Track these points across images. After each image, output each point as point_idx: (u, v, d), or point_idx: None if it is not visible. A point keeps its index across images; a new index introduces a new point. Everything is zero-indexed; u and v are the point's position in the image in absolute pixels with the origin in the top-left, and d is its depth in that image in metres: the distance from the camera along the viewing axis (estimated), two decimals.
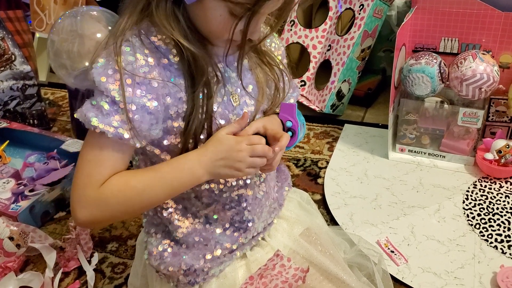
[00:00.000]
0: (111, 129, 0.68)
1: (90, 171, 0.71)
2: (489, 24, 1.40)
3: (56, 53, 1.56)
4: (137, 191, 0.73)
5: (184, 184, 0.75)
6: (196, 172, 0.74)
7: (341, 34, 1.75)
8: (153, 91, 0.70)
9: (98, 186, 0.71)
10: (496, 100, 1.48)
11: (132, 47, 0.69)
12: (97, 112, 0.68)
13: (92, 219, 0.73)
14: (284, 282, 0.79)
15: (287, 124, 0.84)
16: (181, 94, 0.73)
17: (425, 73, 1.38)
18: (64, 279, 1.19)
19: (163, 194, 0.75)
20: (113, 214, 0.74)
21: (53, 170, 1.45)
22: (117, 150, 0.71)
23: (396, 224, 1.27)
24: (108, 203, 0.72)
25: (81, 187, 0.71)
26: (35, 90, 1.75)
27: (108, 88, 0.67)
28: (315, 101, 1.79)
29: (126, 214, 0.77)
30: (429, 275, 1.12)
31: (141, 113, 0.69)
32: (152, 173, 0.74)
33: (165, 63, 0.72)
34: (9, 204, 1.32)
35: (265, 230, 0.92)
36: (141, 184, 0.73)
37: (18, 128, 1.63)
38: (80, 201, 0.72)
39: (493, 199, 1.33)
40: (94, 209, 0.72)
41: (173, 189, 0.75)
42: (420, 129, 1.50)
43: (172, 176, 0.74)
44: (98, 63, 0.69)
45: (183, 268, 0.82)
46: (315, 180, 1.48)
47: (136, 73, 0.68)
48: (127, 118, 0.68)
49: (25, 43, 1.73)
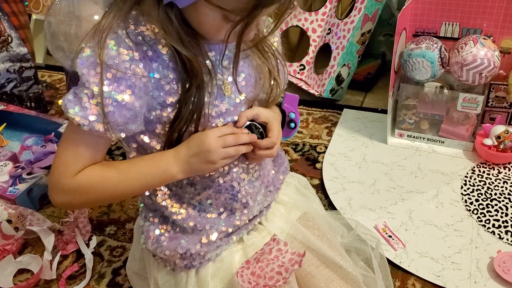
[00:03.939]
0: (86, 122, 0.69)
1: (67, 160, 0.74)
2: (491, 9, 1.39)
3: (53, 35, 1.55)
4: (111, 183, 0.76)
5: (158, 180, 0.78)
6: (170, 169, 0.76)
7: (341, 17, 1.73)
8: (134, 87, 0.70)
9: (73, 175, 0.73)
10: (496, 85, 1.47)
11: (117, 41, 0.69)
12: (76, 102, 0.69)
13: (66, 204, 0.79)
14: (280, 266, 0.79)
15: (290, 115, 0.84)
16: (169, 86, 0.73)
17: (425, 57, 1.37)
18: (62, 262, 1.19)
19: (137, 187, 0.78)
20: (87, 202, 0.81)
21: (51, 153, 1.44)
22: (94, 142, 0.73)
23: (394, 209, 1.27)
24: (82, 192, 0.75)
25: (57, 174, 0.74)
26: (32, 72, 1.73)
27: (89, 80, 0.68)
28: (314, 86, 1.78)
29: (100, 202, 0.86)
30: (426, 260, 1.13)
31: (118, 108, 0.70)
32: (127, 167, 0.77)
33: (151, 54, 0.71)
34: (7, 187, 1.31)
35: (261, 214, 0.92)
36: (116, 177, 0.76)
37: (15, 111, 1.62)
38: (56, 187, 0.75)
39: (491, 185, 1.33)
40: (69, 196, 0.76)
41: (147, 184, 0.79)
42: (419, 114, 1.50)
43: (147, 171, 0.76)
44: (84, 53, 0.69)
45: (180, 252, 0.83)
46: (314, 165, 1.47)
47: (117, 68, 0.69)
48: (103, 112, 0.69)
49: (21, 25, 1.71)
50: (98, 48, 0.68)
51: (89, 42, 0.70)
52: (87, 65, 0.68)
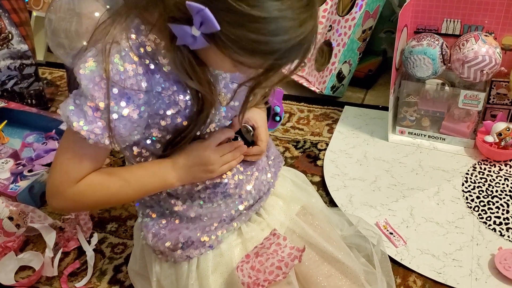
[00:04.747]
0: (93, 135, 0.70)
1: (68, 169, 0.75)
2: (492, 5, 1.38)
3: (54, 32, 1.54)
4: (110, 191, 0.79)
5: (157, 189, 0.82)
6: (168, 179, 0.80)
7: (342, 14, 1.73)
8: (138, 100, 0.71)
9: (75, 183, 0.75)
10: (498, 82, 1.47)
11: (121, 55, 0.69)
12: (80, 115, 0.70)
13: (65, 208, 0.86)
14: (280, 261, 0.80)
15: (276, 109, 0.88)
16: (169, 99, 0.73)
17: (426, 54, 1.37)
18: (64, 259, 1.19)
19: (135, 195, 0.83)
20: (85, 208, 0.93)
21: (52, 151, 1.44)
22: (95, 151, 0.75)
23: (395, 206, 1.27)
24: (82, 200, 0.77)
25: (58, 183, 0.75)
26: (33, 69, 1.73)
27: (94, 95, 0.68)
28: (315, 83, 1.78)
29: (98, 207, 0.95)
30: (427, 256, 1.13)
31: (123, 122, 0.71)
32: (127, 175, 0.79)
33: (153, 67, 0.71)
34: (8, 184, 1.31)
35: (261, 200, 0.92)
36: (115, 185, 0.78)
37: (16, 108, 1.62)
38: (56, 194, 0.76)
39: (493, 182, 1.33)
40: (68, 202, 0.77)
41: (145, 192, 0.83)
42: (420, 111, 1.50)
43: (145, 180, 0.80)
44: (88, 67, 0.68)
45: (181, 241, 0.84)
46: (315, 162, 1.47)
47: (124, 84, 0.69)
48: (108, 127, 0.70)
49: (22, 22, 1.71)
50: (103, 62, 0.67)
51: (92, 50, 0.69)
52: (91, 78, 0.68)
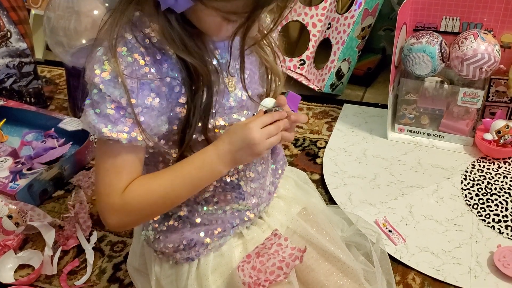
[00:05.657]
0: (124, 135, 0.68)
1: (110, 180, 0.72)
2: (491, 3, 1.38)
3: (53, 30, 1.54)
4: (159, 194, 0.74)
5: (206, 181, 0.77)
6: (216, 167, 0.75)
7: (341, 12, 1.73)
8: (156, 88, 0.70)
9: (121, 192, 0.72)
10: (497, 80, 1.47)
11: (128, 47, 0.68)
12: (105, 120, 0.68)
13: (122, 224, 0.76)
14: (281, 261, 0.80)
15: None
16: (179, 88, 0.73)
17: (425, 52, 1.37)
18: (63, 257, 1.19)
19: (185, 193, 0.77)
20: (141, 217, 0.79)
21: (51, 149, 1.44)
22: (132, 153, 0.72)
23: (394, 204, 1.27)
24: (133, 209, 0.74)
25: (105, 197, 0.73)
26: (32, 67, 1.73)
27: (113, 93, 0.67)
28: (314, 81, 1.77)
29: (153, 215, 0.81)
30: (426, 254, 1.13)
31: (148, 113, 0.70)
32: (172, 174, 0.75)
33: (160, 57, 0.71)
34: (7, 183, 1.31)
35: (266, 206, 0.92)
36: (162, 187, 0.74)
37: (15, 106, 1.62)
38: (107, 209, 0.74)
39: (491, 180, 1.33)
40: (122, 215, 0.74)
41: (195, 187, 0.77)
42: (419, 109, 1.50)
43: (193, 175, 0.75)
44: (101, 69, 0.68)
45: (184, 243, 0.83)
46: (314, 160, 1.47)
47: (137, 75, 0.68)
48: (136, 121, 0.68)
49: (20, 20, 1.70)
50: (113, 58, 0.67)
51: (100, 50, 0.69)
52: (105, 79, 0.67)
